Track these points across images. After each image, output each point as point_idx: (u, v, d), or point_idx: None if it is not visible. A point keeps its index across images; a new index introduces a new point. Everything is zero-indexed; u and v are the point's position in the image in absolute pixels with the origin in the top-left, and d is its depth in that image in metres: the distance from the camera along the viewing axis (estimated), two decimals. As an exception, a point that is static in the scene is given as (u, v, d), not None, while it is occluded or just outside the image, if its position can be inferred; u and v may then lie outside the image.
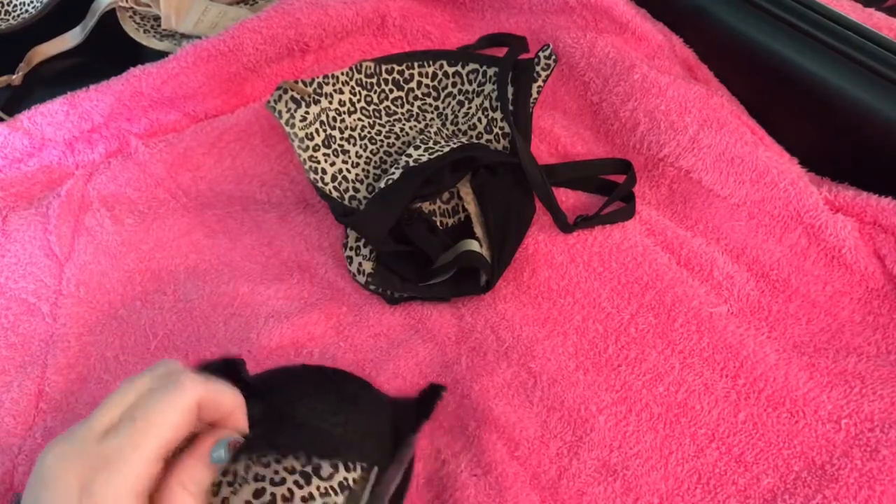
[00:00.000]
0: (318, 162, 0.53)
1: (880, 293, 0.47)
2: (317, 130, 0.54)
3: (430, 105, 0.58)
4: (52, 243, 0.54)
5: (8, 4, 0.70)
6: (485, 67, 0.57)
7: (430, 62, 0.58)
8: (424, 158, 0.50)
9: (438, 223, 0.53)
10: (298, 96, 0.53)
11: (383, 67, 0.58)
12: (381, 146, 0.56)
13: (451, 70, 0.58)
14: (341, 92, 0.56)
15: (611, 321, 0.47)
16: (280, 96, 0.53)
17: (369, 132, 0.57)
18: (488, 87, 0.56)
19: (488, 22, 0.67)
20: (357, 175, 0.54)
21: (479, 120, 0.55)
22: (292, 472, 0.32)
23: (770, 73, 0.55)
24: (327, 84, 0.55)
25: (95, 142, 0.60)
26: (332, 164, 0.54)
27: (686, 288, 0.48)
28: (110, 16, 0.69)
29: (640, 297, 0.48)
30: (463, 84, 0.57)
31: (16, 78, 0.67)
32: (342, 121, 0.55)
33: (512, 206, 0.51)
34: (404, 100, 0.58)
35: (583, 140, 0.58)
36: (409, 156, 0.51)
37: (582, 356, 0.46)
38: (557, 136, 0.58)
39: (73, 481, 0.27)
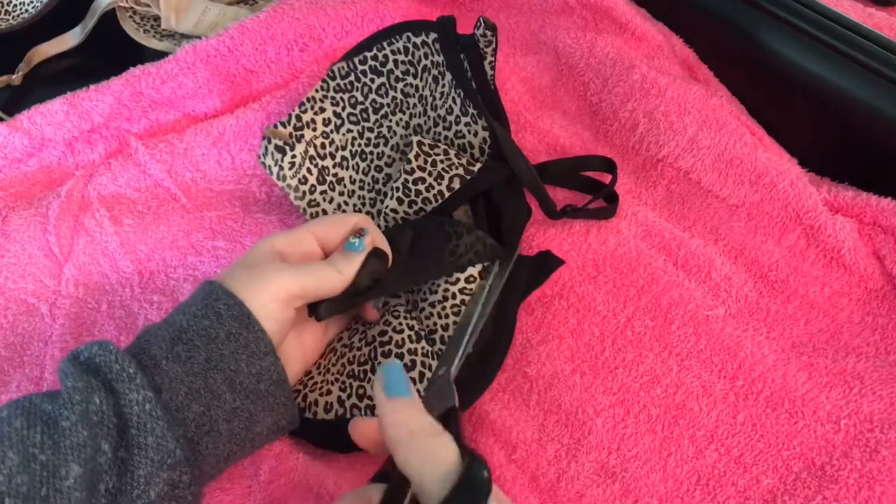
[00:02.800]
0: (318, 204, 0.53)
1: (879, 294, 0.47)
2: (308, 170, 0.53)
3: (412, 85, 0.55)
4: (52, 243, 0.54)
5: (8, 4, 0.70)
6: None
7: (397, 37, 0.55)
8: (400, 213, 0.51)
9: None
10: (281, 142, 0.52)
11: (356, 60, 0.55)
12: (373, 161, 0.55)
13: (418, 41, 0.54)
14: (322, 111, 0.54)
15: (607, 324, 0.47)
16: (266, 148, 0.52)
17: (359, 143, 0.55)
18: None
19: (488, 22, 0.67)
20: (354, 204, 0.54)
21: (454, 100, 0.52)
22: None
23: (770, 73, 0.55)
24: (304, 112, 0.54)
25: (95, 142, 0.60)
26: (331, 200, 0.53)
27: (683, 290, 0.48)
28: (110, 16, 0.69)
29: (636, 300, 0.48)
30: (433, 55, 0.54)
31: (16, 78, 0.67)
32: (331, 143, 0.54)
33: (504, 212, 0.50)
34: (387, 85, 0.56)
35: (582, 140, 0.58)
36: (395, 212, 0.51)
37: (578, 359, 0.46)
38: (557, 136, 0.58)
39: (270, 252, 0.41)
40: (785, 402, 0.43)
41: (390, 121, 0.56)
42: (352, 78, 0.56)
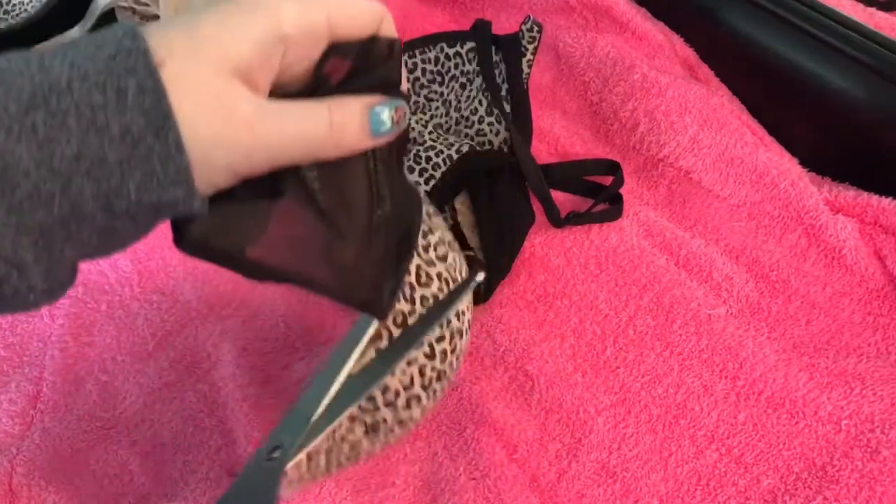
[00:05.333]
0: None
1: (881, 294, 0.47)
2: None
3: (436, 92, 0.58)
4: (51, 243, 0.54)
5: (7, 4, 0.70)
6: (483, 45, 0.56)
7: (431, 47, 0.58)
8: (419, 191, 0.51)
9: None
10: None
11: None
12: None
13: (451, 52, 0.57)
14: None
15: (608, 323, 0.47)
16: None
17: None
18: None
19: (488, 21, 0.67)
20: None
21: (480, 102, 0.55)
22: None
23: (771, 72, 0.55)
24: None
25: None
26: None
27: (684, 289, 0.48)
28: (110, 15, 0.69)
29: (637, 299, 0.48)
30: (464, 64, 0.57)
31: (15, 78, 0.67)
32: None
33: (508, 215, 0.51)
34: (411, 91, 0.58)
35: (582, 140, 0.58)
36: None
37: (580, 358, 0.46)
38: (557, 136, 0.58)
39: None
40: (786, 402, 0.43)
41: (410, 120, 0.57)
42: None
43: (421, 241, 0.34)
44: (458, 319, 0.36)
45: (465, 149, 0.51)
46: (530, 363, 0.46)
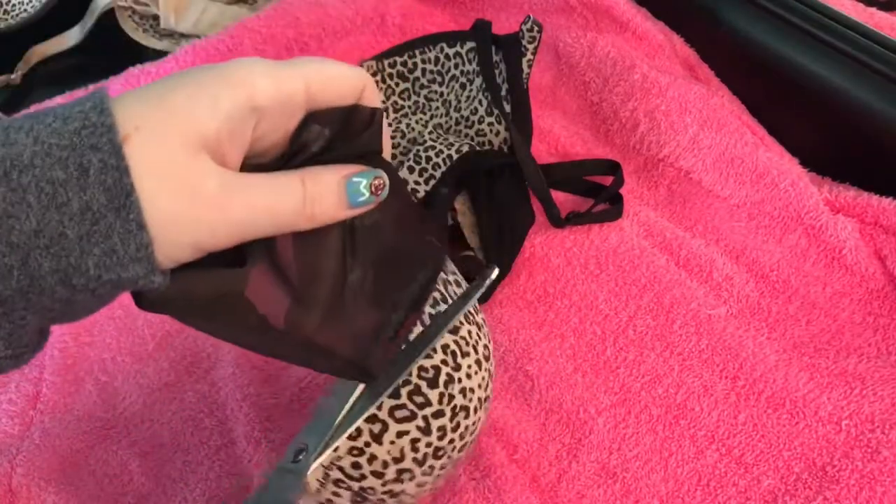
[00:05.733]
0: None
1: (881, 294, 0.47)
2: None
3: (436, 92, 0.58)
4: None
5: (7, 4, 0.70)
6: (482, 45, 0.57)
7: (431, 47, 0.58)
8: (419, 191, 0.50)
9: None
10: None
11: (385, 62, 0.58)
12: None
13: (451, 52, 0.57)
14: None
15: (609, 323, 0.47)
16: None
17: None
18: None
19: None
20: None
21: (480, 102, 0.55)
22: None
23: (771, 72, 0.55)
24: None
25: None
26: None
27: (685, 289, 0.48)
28: (109, 15, 0.69)
29: (638, 299, 0.48)
30: (464, 64, 0.57)
31: (15, 77, 0.67)
32: None
33: (508, 215, 0.51)
34: (411, 91, 0.58)
35: (582, 140, 0.58)
36: (404, 182, 0.51)
37: (580, 359, 0.46)
38: (557, 136, 0.58)
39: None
40: (786, 403, 0.43)
41: (410, 119, 0.57)
42: (378, 78, 0.58)
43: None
44: (464, 397, 0.33)
45: (465, 149, 0.52)
46: (530, 363, 0.46)
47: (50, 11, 0.69)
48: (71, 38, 0.69)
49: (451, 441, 0.33)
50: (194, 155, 0.22)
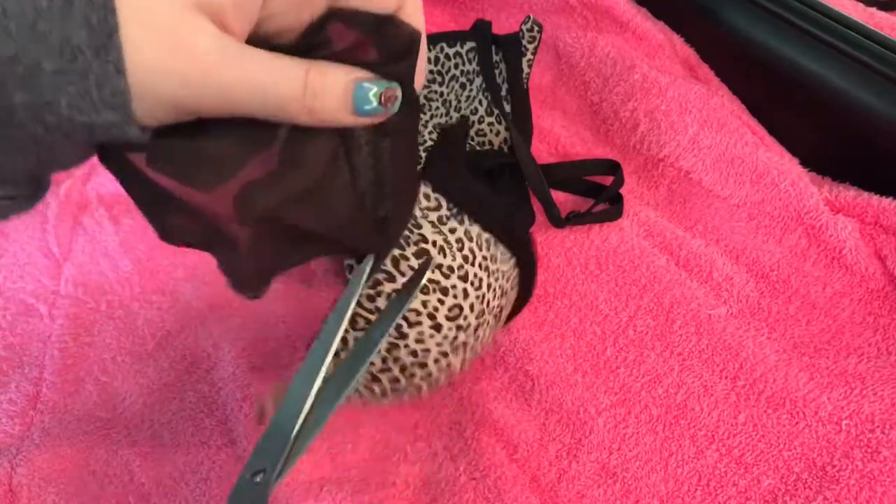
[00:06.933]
0: None
1: (881, 294, 0.47)
2: None
3: (436, 92, 0.58)
4: (51, 243, 0.54)
5: (7, 3, 0.70)
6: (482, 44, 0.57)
7: (431, 47, 0.58)
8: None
9: None
10: None
11: None
12: None
13: (451, 51, 0.57)
14: None
15: (609, 323, 0.47)
16: None
17: None
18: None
19: (488, 21, 0.67)
20: None
21: (480, 102, 0.55)
22: None
23: (771, 72, 0.55)
24: None
25: (94, 141, 0.60)
26: None
27: (685, 289, 0.48)
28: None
29: (638, 299, 0.48)
30: (464, 64, 0.57)
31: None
32: None
33: (509, 215, 0.51)
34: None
35: (582, 140, 0.58)
36: None
37: (580, 358, 0.46)
38: (557, 136, 0.58)
39: None
40: (786, 403, 0.43)
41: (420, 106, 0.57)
42: None
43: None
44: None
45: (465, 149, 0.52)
46: (530, 363, 0.46)
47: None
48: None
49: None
50: (191, 11, 0.21)
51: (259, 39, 0.24)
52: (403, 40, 0.24)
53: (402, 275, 0.35)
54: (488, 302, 0.38)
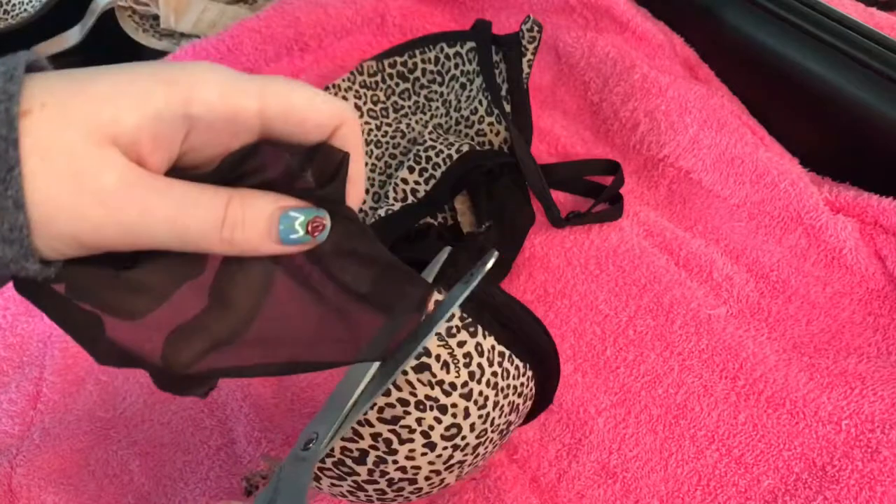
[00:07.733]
0: None
1: (881, 294, 0.47)
2: None
3: (436, 92, 0.58)
4: (51, 243, 0.54)
5: (7, 4, 0.70)
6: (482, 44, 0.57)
7: (431, 47, 0.58)
8: (420, 191, 0.50)
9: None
10: None
11: (385, 62, 0.58)
12: (387, 149, 0.56)
13: (451, 51, 0.58)
14: (345, 99, 0.56)
15: (609, 323, 0.47)
16: None
17: (375, 135, 0.57)
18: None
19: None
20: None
21: (480, 102, 0.55)
22: None
23: (771, 72, 0.55)
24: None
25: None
26: None
27: (685, 289, 0.48)
28: (109, 15, 0.68)
29: (638, 299, 0.48)
30: (464, 64, 0.57)
31: (15, 77, 0.67)
32: None
33: (508, 215, 0.51)
34: (411, 91, 0.58)
35: (582, 140, 0.58)
36: (405, 181, 0.51)
37: (580, 359, 0.46)
38: (557, 136, 0.58)
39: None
40: (786, 403, 0.43)
41: (410, 119, 0.58)
42: (378, 78, 0.58)
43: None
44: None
45: (465, 149, 0.52)
46: (530, 363, 0.46)
47: (50, 11, 0.69)
48: (71, 38, 0.69)
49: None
50: (98, 145, 0.20)
51: (185, 169, 0.23)
52: (334, 163, 0.24)
53: (399, 389, 0.33)
54: (493, 420, 0.35)
